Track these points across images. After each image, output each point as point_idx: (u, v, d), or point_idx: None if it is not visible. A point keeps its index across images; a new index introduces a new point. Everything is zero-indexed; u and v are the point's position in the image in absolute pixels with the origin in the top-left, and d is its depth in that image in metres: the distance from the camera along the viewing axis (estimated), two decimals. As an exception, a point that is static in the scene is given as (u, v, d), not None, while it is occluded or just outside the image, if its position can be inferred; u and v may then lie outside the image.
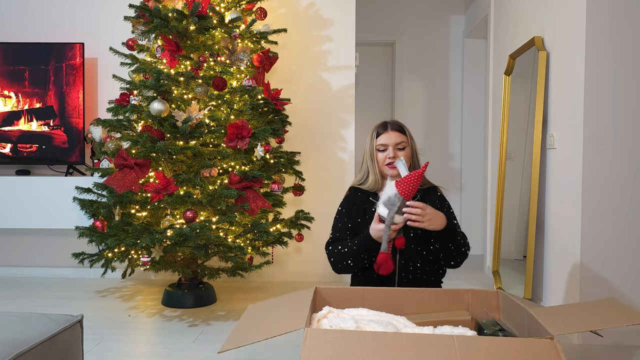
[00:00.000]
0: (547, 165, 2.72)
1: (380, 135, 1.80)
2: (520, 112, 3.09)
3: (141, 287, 3.29)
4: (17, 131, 3.44)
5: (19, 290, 3.20)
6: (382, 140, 1.78)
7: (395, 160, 1.75)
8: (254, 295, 3.14)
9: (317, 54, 3.52)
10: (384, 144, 1.78)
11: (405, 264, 1.72)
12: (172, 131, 2.52)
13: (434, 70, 4.70)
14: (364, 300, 1.41)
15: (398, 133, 1.78)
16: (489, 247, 3.67)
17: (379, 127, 1.82)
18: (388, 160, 1.76)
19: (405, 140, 1.79)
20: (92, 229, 2.58)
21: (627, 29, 2.29)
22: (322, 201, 3.48)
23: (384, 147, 1.78)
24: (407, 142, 1.79)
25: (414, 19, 4.70)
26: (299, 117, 3.46)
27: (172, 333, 2.43)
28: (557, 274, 2.57)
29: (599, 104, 2.30)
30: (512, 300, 1.32)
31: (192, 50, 2.67)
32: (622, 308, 1.19)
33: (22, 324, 1.29)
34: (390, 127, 1.79)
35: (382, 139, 1.78)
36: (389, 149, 1.77)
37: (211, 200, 2.49)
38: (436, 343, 0.98)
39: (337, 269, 1.75)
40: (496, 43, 3.66)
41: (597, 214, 2.31)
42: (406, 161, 1.79)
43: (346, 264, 1.71)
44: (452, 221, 1.69)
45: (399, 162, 1.60)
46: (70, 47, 3.39)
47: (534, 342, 0.99)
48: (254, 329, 1.16)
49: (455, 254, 1.69)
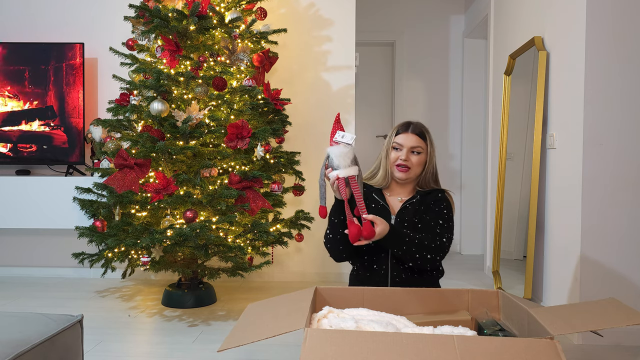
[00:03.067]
0: (547, 165, 2.72)
1: (399, 134, 1.78)
2: (520, 112, 3.09)
3: (141, 287, 3.29)
4: (17, 131, 3.44)
5: (19, 290, 3.20)
6: (399, 139, 1.77)
7: (406, 163, 1.74)
8: (254, 295, 3.14)
9: (317, 54, 3.52)
10: (400, 143, 1.76)
11: (396, 263, 1.72)
12: (172, 131, 2.52)
13: (434, 70, 4.70)
14: (364, 300, 1.41)
15: (417, 137, 1.76)
16: (489, 247, 3.67)
17: (402, 125, 1.80)
18: (399, 161, 1.75)
19: (422, 146, 1.76)
20: (92, 229, 2.58)
21: (627, 28, 2.29)
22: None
23: (399, 146, 1.76)
24: (423, 149, 1.76)
25: (414, 19, 4.70)
26: (299, 117, 3.46)
27: (172, 333, 2.43)
28: (557, 274, 2.57)
29: (599, 104, 2.30)
30: (512, 300, 1.32)
31: (192, 50, 2.67)
32: (622, 308, 1.19)
33: (22, 324, 1.29)
34: (412, 129, 1.77)
35: (400, 139, 1.76)
36: (404, 150, 1.75)
37: (211, 200, 2.49)
38: (436, 343, 0.98)
39: (327, 249, 1.74)
40: (496, 43, 3.66)
41: (597, 214, 2.31)
42: (418, 168, 1.77)
43: (327, 238, 1.72)
44: (400, 228, 1.67)
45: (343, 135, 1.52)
46: (70, 47, 3.39)
47: (534, 342, 0.99)
48: (253, 328, 1.16)
49: (413, 258, 1.63)
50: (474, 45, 4.54)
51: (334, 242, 1.70)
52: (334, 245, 1.71)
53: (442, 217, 1.72)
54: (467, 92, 4.57)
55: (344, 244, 1.66)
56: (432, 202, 1.76)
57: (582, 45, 2.33)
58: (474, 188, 4.54)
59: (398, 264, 1.72)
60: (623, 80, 2.29)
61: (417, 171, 1.77)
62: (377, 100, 4.95)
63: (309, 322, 1.18)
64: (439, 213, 1.73)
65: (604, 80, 2.30)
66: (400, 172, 1.75)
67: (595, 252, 2.31)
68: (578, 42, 2.38)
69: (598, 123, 2.30)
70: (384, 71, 4.96)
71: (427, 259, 1.64)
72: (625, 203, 2.30)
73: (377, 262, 1.75)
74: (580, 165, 2.33)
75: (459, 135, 4.67)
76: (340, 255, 1.73)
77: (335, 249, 1.71)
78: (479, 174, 4.51)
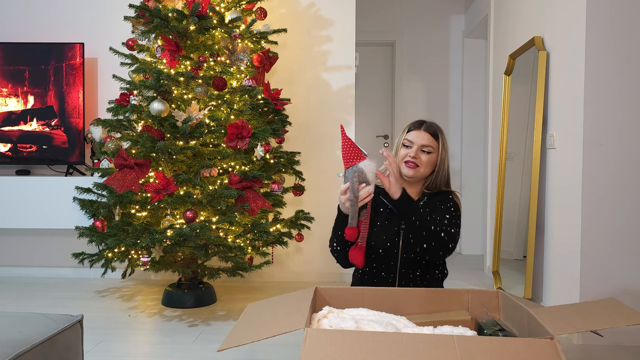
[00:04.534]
0: (547, 165, 2.72)
1: (411, 131, 1.75)
2: (520, 112, 3.09)
3: (141, 287, 3.29)
4: (17, 131, 3.44)
5: (19, 290, 3.20)
6: (410, 136, 1.73)
7: (415, 160, 1.70)
8: (254, 295, 3.14)
9: (317, 54, 3.52)
10: (410, 140, 1.73)
11: (405, 272, 1.71)
12: (172, 131, 2.52)
13: (434, 70, 4.70)
14: (364, 300, 1.41)
15: (429, 136, 1.72)
16: (489, 247, 3.67)
17: (415, 123, 1.77)
18: (408, 158, 1.71)
19: (434, 145, 1.72)
20: (92, 229, 2.58)
21: (627, 28, 2.29)
22: (322, 201, 3.48)
23: (410, 144, 1.73)
24: (435, 149, 1.72)
25: (414, 19, 4.70)
26: (299, 117, 3.46)
27: (172, 333, 2.43)
28: (557, 274, 2.57)
29: (599, 104, 2.30)
30: (512, 300, 1.32)
31: (192, 50, 2.67)
32: (622, 308, 1.19)
33: (22, 324, 1.29)
34: (424, 128, 1.73)
35: (411, 136, 1.73)
36: (414, 147, 1.71)
37: (211, 200, 2.49)
38: (436, 343, 0.98)
39: (335, 258, 1.74)
40: (496, 43, 3.66)
41: (597, 214, 2.31)
42: (427, 168, 1.72)
43: (333, 249, 1.72)
44: (411, 201, 1.63)
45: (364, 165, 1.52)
46: (70, 47, 3.39)
47: (534, 342, 0.99)
48: (253, 328, 1.16)
49: (425, 235, 1.58)
50: (474, 45, 4.54)
51: (342, 253, 1.70)
52: (342, 256, 1.71)
53: (450, 213, 1.69)
54: (467, 92, 4.57)
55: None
56: (438, 201, 1.74)
57: (582, 45, 2.33)
58: (474, 188, 4.54)
59: (407, 273, 1.71)
60: (623, 80, 2.29)
61: (426, 171, 1.73)
62: (377, 100, 4.95)
63: (309, 322, 1.18)
64: (445, 210, 1.70)
65: (604, 80, 2.30)
66: (408, 169, 1.71)
67: (595, 252, 2.31)
68: (578, 42, 2.38)
69: (598, 123, 2.30)
70: (384, 71, 4.96)
71: (441, 240, 1.59)
72: (625, 203, 2.30)
73: (385, 270, 1.73)
74: (580, 165, 2.33)
75: (459, 135, 4.67)
76: (349, 265, 1.73)
77: (344, 259, 1.71)
78: (479, 174, 4.51)
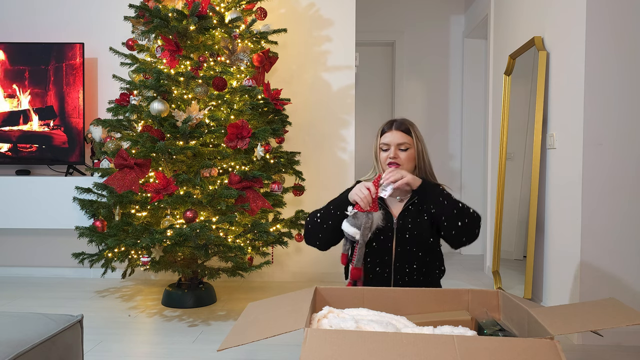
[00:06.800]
0: (547, 165, 2.72)
1: (384, 133, 1.79)
2: (520, 112, 3.09)
3: (141, 287, 3.29)
4: (17, 131, 3.44)
5: (19, 290, 3.20)
6: (385, 139, 1.78)
7: (396, 160, 1.75)
8: (254, 295, 3.14)
9: (317, 54, 3.52)
10: (386, 143, 1.77)
11: (400, 266, 1.71)
12: (172, 131, 2.52)
13: (434, 70, 4.70)
14: (364, 300, 1.41)
15: (402, 133, 1.76)
16: (489, 247, 3.67)
17: (385, 125, 1.81)
18: (389, 160, 1.75)
19: (409, 141, 1.76)
20: (92, 229, 2.58)
21: (627, 29, 2.29)
22: (322, 201, 3.44)
23: (387, 146, 1.77)
24: (411, 144, 1.76)
25: (414, 19, 4.70)
26: (299, 117, 3.46)
27: (172, 333, 2.43)
28: (557, 274, 2.57)
29: (599, 104, 2.30)
30: (512, 300, 1.32)
31: (192, 50, 2.67)
32: (622, 308, 1.19)
33: (22, 324, 1.29)
34: (395, 127, 1.77)
35: (385, 138, 1.78)
36: (391, 148, 1.76)
37: (211, 200, 2.49)
38: (436, 343, 0.98)
39: (306, 229, 1.77)
40: (496, 43, 3.66)
41: (597, 214, 2.31)
42: (409, 163, 1.77)
43: (315, 220, 1.74)
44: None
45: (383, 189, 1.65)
46: (70, 47, 3.39)
47: (534, 342, 0.99)
48: (253, 328, 1.16)
49: (457, 213, 1.63)
50: (474, 45, 4.54)
51: (319, 228, 1.73)
52: (316, 229, 1.74)
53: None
54: (467, 92, 4.57)
55: (329, 235, 1.72)
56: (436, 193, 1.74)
57: (582, 45, 2.33)
58: (474, 188, 4.54)
59: (403, 267, 1.71)
60: (623, 81, 2.29)
61: (409, 167, 1.77)
62: (377, 100, 4.95)
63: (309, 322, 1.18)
64: (451, 195, 1.72)
65: (604, 80, 2.30)
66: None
67: (595, 252, 2.31)
68: (578, 42, 2.38)
69: (598, 123, 2.30)
70: (384, 71, 4.95)
71: (472, 216, 1.65)
72: (625, 203, 2.30)
73: (380, 265, 1.72)
74: (580, 165, 2.33)
75: (459, 135, 4.67)
76: (315, 242, 1.76)
77: (313, 231, 1.75)
78: (479, 174, 4.50)
